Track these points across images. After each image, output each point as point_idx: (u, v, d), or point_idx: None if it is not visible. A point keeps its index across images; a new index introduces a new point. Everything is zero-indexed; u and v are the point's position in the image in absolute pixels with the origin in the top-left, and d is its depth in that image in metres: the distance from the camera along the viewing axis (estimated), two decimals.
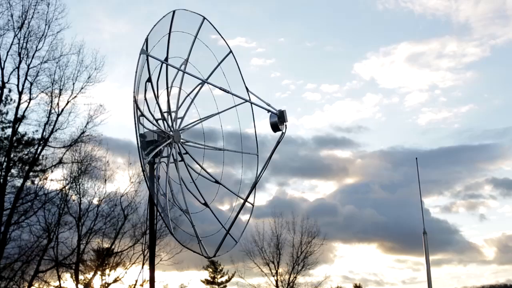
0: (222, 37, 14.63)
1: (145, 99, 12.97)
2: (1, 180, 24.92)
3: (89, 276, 32.15)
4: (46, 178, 27.32)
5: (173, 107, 13.97)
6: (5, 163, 25.18)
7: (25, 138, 26.59)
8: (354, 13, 76.43)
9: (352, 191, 64.82)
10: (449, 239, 60.55)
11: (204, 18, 14.31)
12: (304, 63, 75.51)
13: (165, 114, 13.63)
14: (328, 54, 75.96)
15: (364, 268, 73.36)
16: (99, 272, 32.53)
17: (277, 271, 41.76)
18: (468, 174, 72.81)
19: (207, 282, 52.35)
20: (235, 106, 14.70)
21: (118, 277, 33.13)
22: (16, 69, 25.10)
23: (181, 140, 13.87)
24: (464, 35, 78.94)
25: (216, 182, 14.82)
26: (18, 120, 25.53)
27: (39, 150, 26.25)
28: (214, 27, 14.45)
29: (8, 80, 25.21)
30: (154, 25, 12.51)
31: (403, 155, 68.14)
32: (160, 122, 13.36)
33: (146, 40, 12.39)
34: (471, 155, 70.30)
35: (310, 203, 58.44)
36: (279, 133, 11.83)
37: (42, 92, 25.93)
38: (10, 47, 25.01)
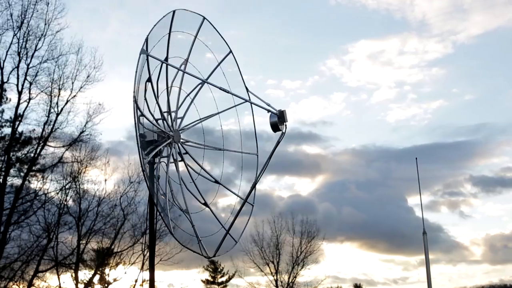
0: (222, 37, 14.65)
1: (145, 99, 12.97)
2: (1, 180, 24.91)
3: (89, 276, 32.17)
4: (45, 178, 27.33)
5: (173, 107, 13.98)
6: (4, 163, 25.16)
7: (25, 137, 26.59)
8: (309, 9, 74.51)
9: (328, 188, 63.20)
10: (435, 238, 59.94)
11: (204, 18, 14.31)
12: (263, 58, 73.34)
13: (165, 114, 13.63)
14: (286, 49, 74.66)
15: (352, 267, 71.69)
16: (99, 272, 32.54)
17: (276, 271, 41.79)
18: (446, 173, 71.23)
19: (207, 282, 52.36)
20: (235, 106, 14.71)
21: (118, 277, 33.22)
22: (16, 69, 25.10)
23: (181, 140, 13.87)
24: (423, 31, 77.89)
25: (216, 182, 14.83)
26: (17, 119, 25.52)
27: (38, 150, 26.25)
28: (214, 27, 14.47)
29: (8, 80, 25.20)
30: (154, 25, 12.52)
31: (376, 152, 67.29)
32: (160, 122, 13.36)
33: (146, 40, 12.40)
34: (446, 152, 69.37)
35: (285, 200, 56.48)
36: (277, 132, 11.83)
37: (42, 91, 25.91)
38: (10, 46, 25.00)
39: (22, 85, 25.24)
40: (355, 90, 77.73)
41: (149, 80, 13.00)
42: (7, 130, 25.98)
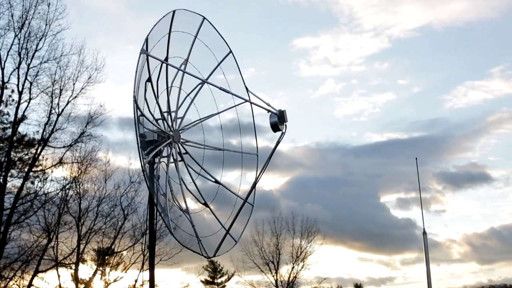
0: (222, 37, 14.65)
1: (145, 99, 12.98)
2: (1, 180, 24.91)
3: (89, 276, 32.17)
4: (46, 178, 27.33)
5: (173, 107, 13.98)
6: (5, 163, 25.16)
7: (25, 138, 26.61)
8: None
9: (291, 185, 61.46)
10: (411, 237, 58.97)
11: (204, 18, 14.32)
12: None
13: (165, 114, 13.64)
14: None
15: (333, 267, 70.84)
16: (99, 272, 32.56)
17: (276, 270, 41.81)
18: (408, 170, 71.34)
19: (206, 282, 52.34)
20: (235, 106, 14.72)
21: (118, 277, 33.22)
22: (16, 69, 25.10)
23: (181, 140, 13.88)
24: (354, 26, 77.43)
25: (216, 182, 14.83)
26: (18, 120, 25.53)
27: (39, 150, 26.25)
28: (214, 27, 14.47)
29: (8, 80, 25.21)
30: (154, 25, 12.52)
31: (332, 149, 66.41)
32: (160, 122, 13.37)
33: (146, 40, 12.40)
34: (405, 149, 68.74)
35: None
36: (276, 132, 11.83)
37: (42, 92, 25.93)
38: (11, 47, 25.00)
39: (23, 85, 25.28)
40: (300, 85, 76.81)
41: (149, 80, 13.00)
42: (8, 131, 26.01)
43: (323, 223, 43.95)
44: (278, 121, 11.64)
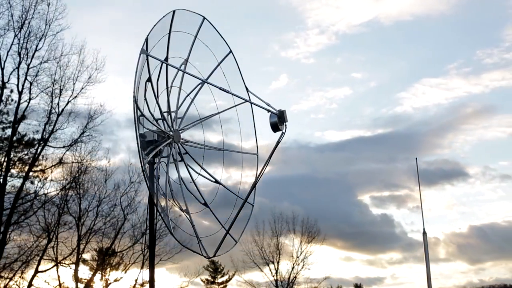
0: (222, 37, 14.64)
1: (145, 99, 12.97)
2: (1, 180, 24.91)
3: (89, 275, 32.19)
4: (46, 178, 27.33)
5: (173, 107, 13.98)
6: (5, 163, 25.16)
7: (25, 138, 26.61)
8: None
9: (263, 183, 60.50)
10: (391, 236, 58.49)
11: (204, 18, 14.31)
12: None
13: (165, 114, 13.64)
14: None
15: (320, 266, 69.51)
16: (99, 272, 32.56)
17: (276, 270, 41.82)
18: (380, 167, 69.19)
19: (207, 282, 52.38)
20: (235, 106, 14.71)
21: (118, 277, 33.24)
22: (16, 69, 25.11)
23: (181, 140, 13.88)
24: (297, 23, 75.82)
25: (216, 182, 14.83)
26: (18, 120, 25.53)
27: (39, 150, 26.27)
28: (214, 27, 14.46)
29: (8, 80, 25.21)
30: (154, 25, 12.51)
31: (294, 147, 63.67)
32: (160, 122, 13.36)
33: (146, 40, 12.39)
34: (373, 146, 67.65)
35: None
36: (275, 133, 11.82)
37: (42, 92, 25.94)
38: (10, 47, 25.00)
39: (23, 85, 25.28)
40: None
41: (149, 80, 13.00)
42: (8, 131, 26.02)
43: (300, 221, 43.23)
44: (278, 121, 11.63)
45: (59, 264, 29.09)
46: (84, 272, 32.37)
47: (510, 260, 68.65)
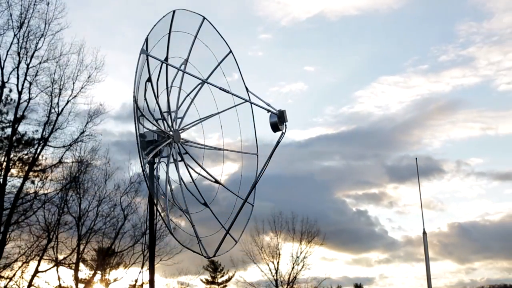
0: (222, 37, 14.65)
1: (145, 99, 12.97)
2: (1, 180, 24.90)
3: (89, 275, 32.17)
4: (46, 178, 27.31)
5: (173, 107, 13.98)
6: (5, 163, 25.16)
7: (25, 137, 26.59)
8: None
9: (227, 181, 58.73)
10: (372, 235, 57.46)
11: (204, 18, 14.31)
12: None
13: (165, 114, 13.64)
14: None
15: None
16: (99, 272, 32.56)
17: (276, 271, 41.81)
18: (351, 164, 67.28)
19: (207, 282, 52.39)
20: (235, 106, 14.71)
21: (118, 277, 33.24)
22: (16, 69, 25.08)
23: (181, 140, 13.88)
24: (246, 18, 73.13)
25: (216, 182, 14.83)
26: (17, 120, 25.52)
27: (39, 150, 26.26)
28: (214, 27, 14.46)
29: (8, 80, 25.20)
30: (154, 25, 12.52)
31: (259, 146, 62.71)
32: (160, 122, 13.36)
33: (146, 40, 12.40)
34: (335, 143, 65.84)
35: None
36: (275, 133, 11.82)
37: (42, 91, 25.92)
38: (10, 46, 24.96)
39: (22, 85, 25.26)
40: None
41: (149, 80, 13.00)
42: (8, 130, 26.01)
43: (278, 220, 42.76)
44: (278, 121, 11.63)
45: (59, 264, 29.09)
46: (84, 272, 32.39)
47: (498, 259, 67.65)
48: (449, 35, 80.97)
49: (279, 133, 11.79)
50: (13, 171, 26.20)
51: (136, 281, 32.98)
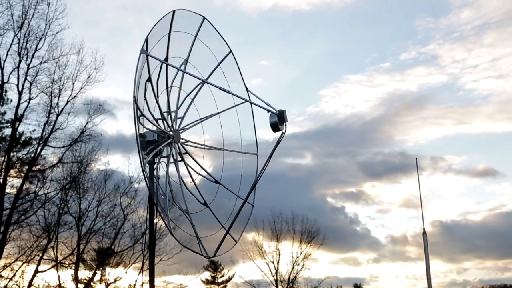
0: (222, 37, 14.64)
1: (145, 99, 12.97)
2: (1, 180, 24.91)
3: (89, 275, 32.18)
4: (46, 178, 27.34)
5: (173, 107, 13.98)
6: (4, 163, 25.17)
7: (25, 138, 26.62)
8: None
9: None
10: (355, 234, 56.63)
11: (204, 18, 14.31)
12: None
13: (165, 114, 13.63)
14: None
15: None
16: (99, 272, 32.57)
17: (276, 271, 41.81)
18: (325, 162, 65.24)
19: (207, 282, 52.40)
20: (235, 106, 14.71)
21: (118, 277, 33.23)
22: (16, 69, 25.13)
23: (181, 140, 13.87)
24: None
25: (216, 182, 14.82)
26: (17, 120, 25.53)
27: (38, 150, 26.29)
28: (214, 27, 14.45)
29: (8, 80, 25.23)
30: (154, 25, 12.51)
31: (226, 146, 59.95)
32: (160, 122, 13.36)
33: (146, 40, 12.39)
34: (304, 142, 63.57)
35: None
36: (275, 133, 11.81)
37: (42, 91, 25.97)
38: (10, 47, 25.04)
39: (23, 85, 25.32)
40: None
41: (149, 80, 13.00)
42: (8, 131, 26.05)
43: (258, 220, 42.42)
44: (278, 121, 11.61)
45: (59, 264, 29.10)
46: (84, 272, 32.41)
47: (487, 259, 67.03)
48: (406, 31, 78.23)
49: (279, 133, 11.78)
50: (13, 171, 26.23)
51: (136, 281, 33.01)
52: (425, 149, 73.88)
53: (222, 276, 52.67)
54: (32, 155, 26.32)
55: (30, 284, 27.60)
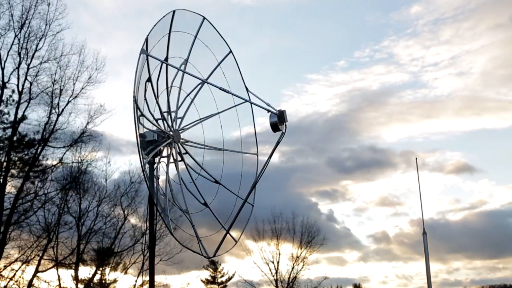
0: (222, 37, 14.64)
1: (145, 99, 12.98)
2: (1, 180, 24.92)
3: (89, 275, 32.17)
4: (46, 178, 27.34)
5: (173, 107, 13.98)
6: (5, 163, 25.17)
7: (25, 138, 26.61)
8: None
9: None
10: (337, 232, 55.10)
11: (204, 18, 14.31)
12: None
13: (165, 114, 13.64)
14: None
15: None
16: (99, 272, 32.57)
17: (276, 271, 41.82)
18: (298, 161, 62.11)
19: (207, 281, 52.37)
20: (235, 106, 14.70)
21: (118, 277, 33.25)
22: (16, 69, 25.13)
23: (181, 140, 13.88)
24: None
25: (216, 182, 14.82)
26: (18, 120, 25.54)
27: (39, 150, 26.28)
28: (214, 27, 14.46)
29: (9, 80, 25.23)
30: (154, 25, 12.51)
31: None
32: (160, 122, 13.36)
33: (146, 40, 12.40)
34: (271, 139, 63.45)
35: None
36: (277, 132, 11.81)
37: (42, 91, 25.97)
38: (11, 47, 25.05)
39: (23, 85, 25.33)
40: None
41: (149, 80, 13.00)
42: (8, 131, 26.02)
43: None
44: (278, 121, 11.61)
45: (59, 264, 29.10)
46: (84, 272, 32.40)
47: (475, 259, 65.17)
48: (359, 28, 74.78)
49: (279, 133, 11.77)
50: (13, 171, 26.23)
51: (136, 281, 33.00)
52: (396, 146, 70.67)
53: (222, 276, 52.68)
54: (33, 155, 26.33)
55: (30, 284, 27.60)
